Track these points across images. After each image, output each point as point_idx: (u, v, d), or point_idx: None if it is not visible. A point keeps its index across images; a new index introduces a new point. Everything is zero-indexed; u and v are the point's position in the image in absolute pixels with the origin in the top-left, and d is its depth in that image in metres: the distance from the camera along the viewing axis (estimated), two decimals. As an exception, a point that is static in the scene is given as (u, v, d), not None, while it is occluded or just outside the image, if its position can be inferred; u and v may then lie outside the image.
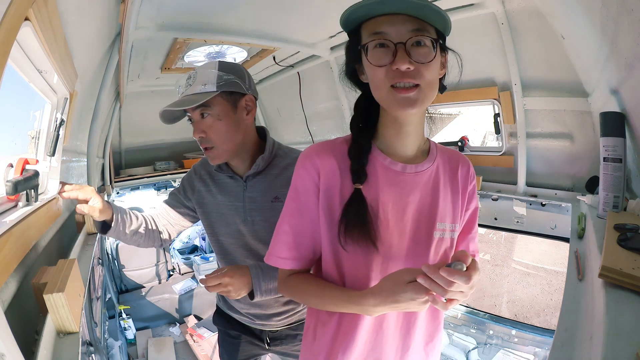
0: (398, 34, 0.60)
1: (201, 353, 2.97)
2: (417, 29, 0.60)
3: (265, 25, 1.85)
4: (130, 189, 3.44)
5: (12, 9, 0.60)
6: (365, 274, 0.69)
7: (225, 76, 0.97)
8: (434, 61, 0.62)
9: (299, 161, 0.72)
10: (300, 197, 0.72)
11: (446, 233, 0.73)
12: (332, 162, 0.70)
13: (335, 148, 0.72)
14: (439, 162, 0.74)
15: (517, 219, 2.00)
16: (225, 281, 0.89)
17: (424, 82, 0.61)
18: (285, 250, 0.73)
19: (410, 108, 0.62)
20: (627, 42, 0.87)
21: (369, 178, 0.69)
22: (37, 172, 1.12)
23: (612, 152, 1.07)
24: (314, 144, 0.75)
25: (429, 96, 0.63)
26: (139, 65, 2.29)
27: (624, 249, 0.71)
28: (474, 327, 2.76)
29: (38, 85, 1.15)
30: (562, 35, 1.40)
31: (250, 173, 1.03)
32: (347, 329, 0.72)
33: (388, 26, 0.61)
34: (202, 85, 0.95)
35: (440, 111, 6.98)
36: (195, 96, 0.95)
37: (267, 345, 1.22)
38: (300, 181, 0.71)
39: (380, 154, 0.71)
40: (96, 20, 1.36)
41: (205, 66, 0.99)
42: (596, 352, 0.54)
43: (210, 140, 0.98)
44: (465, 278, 0.54)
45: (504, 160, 2.00)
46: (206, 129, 0.97)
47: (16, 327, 0.58)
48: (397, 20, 0.60)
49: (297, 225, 0.73)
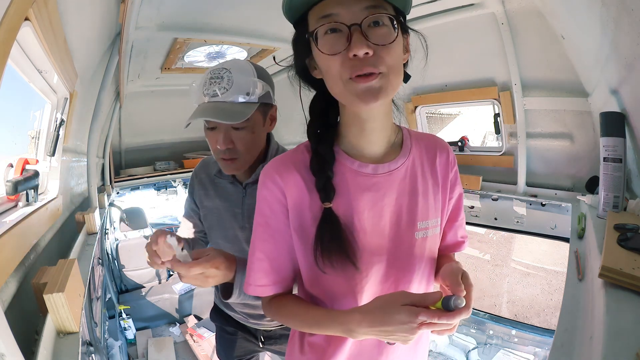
0: (351, 14, 0.52)
1: (201, 353, 2.97)
2: (372, 5, 0.52)
3: (265, 25, 1.85)
4: (130, 189, 3.44)
5: (12, 9, 0.60)
6: (348, 290, 0.65)
7: (265, 86, 0.91)
8: (396, 43, 0.53)
9: (260, 182, 0.65)
10: (269, 221, 0.65)
11: (429, 231, 0.67)
12: (295, 177, 0.63)
13: (296, 159, 0.65)
14: (415, 154, 0.67)
15: (517, 219, 2.00)
16: (209, 272, 0.70)
17: (387, 67, 0.53)
18: (263, 278, 0.67)
19: (374, 100, 0.54)
20: (627, 42, 0.87)
21: (339, 189, 0.62)
22: (37, 172, 1.12)
23: (612, 152, 1.07)
24: (274, 158, 0.67)
25: (393, 84, 0.55)
26: (139, 65, 2.29)
27: (624, 249, 0.71)
28: (474, 327, 2.76)
29: (38, 85, 1.15)
30: (562, 35, 1.40)
31: (250, 181, 0.98)
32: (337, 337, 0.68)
33: (338, 7, 0.52)
34: (245, 94, 0.87)
35: (440, 111, 6.98)
36: (237, 106, 0.86)
37: (262, 344, 1.23)
38: (265, 203, 0.65)
39: (346, 158, 0.63)
40: (96, 20, 1.36)
41: (241, 69, 0.89)
42: (596, 352, 0.54)
43: (237, 151, 0.91)
44: (467, 312, 0.51)
45: (504, 160, 2.00)
46: (236, 140, 0.90)
47: (16, 327, 0.58)
48: (348, 0, 0.52)
49: (271, 250, 0.67)
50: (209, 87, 0.86)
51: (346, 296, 0.66)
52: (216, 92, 0.86)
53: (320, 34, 0.54)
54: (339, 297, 0.66)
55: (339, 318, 0.60)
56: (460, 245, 0.78)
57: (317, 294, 0.69)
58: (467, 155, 2.21)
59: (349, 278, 0.64)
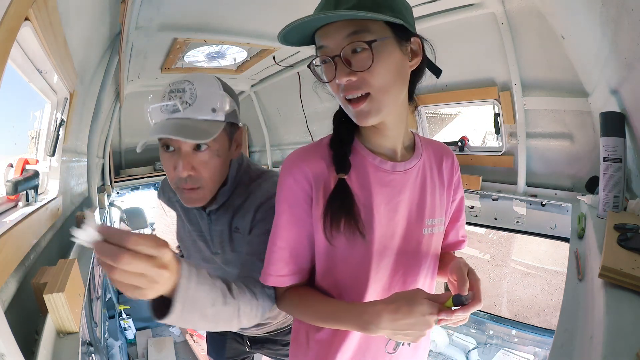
0: (335, 44, 0.56)
1: (201, 353, 2.97)
2: (353, 32, 0.55)
3: (265, 25, 1.85)
4: (130, 189, 3.45)
5: (12, 9, 0.60)
6: (358, 282, 0.67)
7: (232, 102, 0.80)
8: (380, 63, 0.56)
9: (286, 170, 0.66)
10: (292, 210, 0.67)
11: (435, 228, 0.72)
12: (322, 166, 0.65)
13: (322, 150, 0.67)
14: (425, 157, 0.72)
15: (517, 219, 2.00)
16: (152, 273, 0.45)
17: (373, 89, 0.57)
18: (284, 267, 0.68)
19: (365, 120, 0.59)
20: (627, 42, 0.87)
21: (361, 181, 0.66)
22: (37, 172, 1.12)
23: (612, 152, 1.07)
24: (298, 149, 0.69)
25: (384, 102, 0.59)
26: (139, 65, 2.29)
27: (624, 249, 0.71)
28: (474, 327, 2.76)
29: (38, 85, 1.15)
30: (562, 35, 1.40)
31: (214, 208, 0.87)
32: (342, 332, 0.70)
33: (325, 39, 0.57)
34: (211, 110, 0.74)
35: (440, 111, 6.98)
36: (201, 123, 0.73)
37: (248, 348, 1.23)
38: (291, 193, 0.66)
39: (368, 153, 0.67)
40: (96, 20, 1.36)
41: (206, 81, 0.77)
42: (596, 352, 0.54)
43: (200, 179, 0.77)
44: (478, 304, 0.57)
45: (504, 160, 2.00)
46: (198, 166, 0.76)
47: (16, 327, 0.58)
48: (331, 30, 0.56)
49: (293, 238, 0.68)
50: (168, 102, 0.73)
51: (355, 288, 0.68)
52: (177, 107, 0.72)
53: (316, 64, 0.61)
54: (348, 289, 0.69)
55: (358, 308, 0.62)
56: (460, 244, 0.85)
57: (328, 286, 0.70)
58: (467, 155, 2.21)
59: (359, 252, 0.66)
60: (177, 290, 0.50)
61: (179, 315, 0.52)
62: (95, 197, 2.12)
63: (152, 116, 0.77)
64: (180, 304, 0.51)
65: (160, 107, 0.74)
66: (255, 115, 3.71)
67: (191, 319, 0.55)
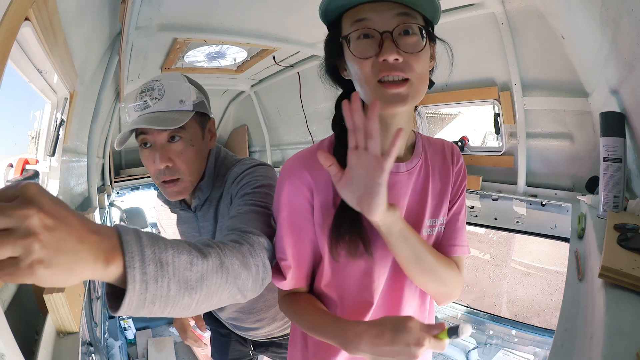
0: (383, 21, 0.55)
1: (201, 353, 2.97)
2: (403, 13, 0.55)
3: (265, 25, 1.85)
4: (130, 189, 3.44)
5: (12, 9, 0.60)
6: (361, 285, 0.67)
7: (198, 94, 0.85)
8: (424, 51, 0.57)
9: (285, 176, 0.65)
10: (293, 218, 0.65)
11: (435, 229, 0.70)
12: (323, 171, 0.61)
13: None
14: (427, 154, 0.71)
15: (517, 219, 2.00)
16: (33, 227, 0.31)
17: (414, 75, 0.56)
18: (285, 273, 0.67)
19: (401, 105, 0.57)
20: (627, 42, 0.87)
21: None
22: (37, 172, 1.12)
23: (612, 152, 1.07)
24: (296, 153, 0.67)
25: (420, 91, 0.58)
26: (139, 65, 2.29)
27: (624, 249, 0.71)
28: (474, 327, 2.76)
29: (38, 85, 1.15)
30: (562, 35, 1.40)
31: (198, 204, 0.90)
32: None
33: (371, 13, 0.55)
34: (178, 102, 0.80)
35: (440, 111, 6.97)
36: (170, 114, 0.79)
37: (252, 352, 1.23)
38: (291, 200, 0.64)
39: None
40: (96, 20, 1.36)
41: (173, 78, 0.84)
42: (596, 352, 0.54)
43: (178, 170, 0.81)
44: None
45: (504, 160, 2.00)
46: (174, 157, 0.81)
47: (16, 327, 0.58)
48: (381, 7, 0.55)
49: (294, 246, 0.66)
50: (139, 100, 0.80)
51: (359, 297, 0.67)
52: (147, 103, 0.79)
53: (353, 38, 0.58)
54: (351, 295, 0.68)
55: (342, 325, 0.60)
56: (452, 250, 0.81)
57: (331, 293, 0.70)
58: (467, 155, 2.21)
59: (363, 267, 0.65)
60: (124, 246, 0.38)
61: (143, 288, 0.38)
62: (95, 197, 2.12)
63: (128, 116, 0.83)
64: (138, 262, 0.37)
65: (134, 107, 0.80)
66: (255, 115, 3.71)
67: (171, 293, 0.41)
